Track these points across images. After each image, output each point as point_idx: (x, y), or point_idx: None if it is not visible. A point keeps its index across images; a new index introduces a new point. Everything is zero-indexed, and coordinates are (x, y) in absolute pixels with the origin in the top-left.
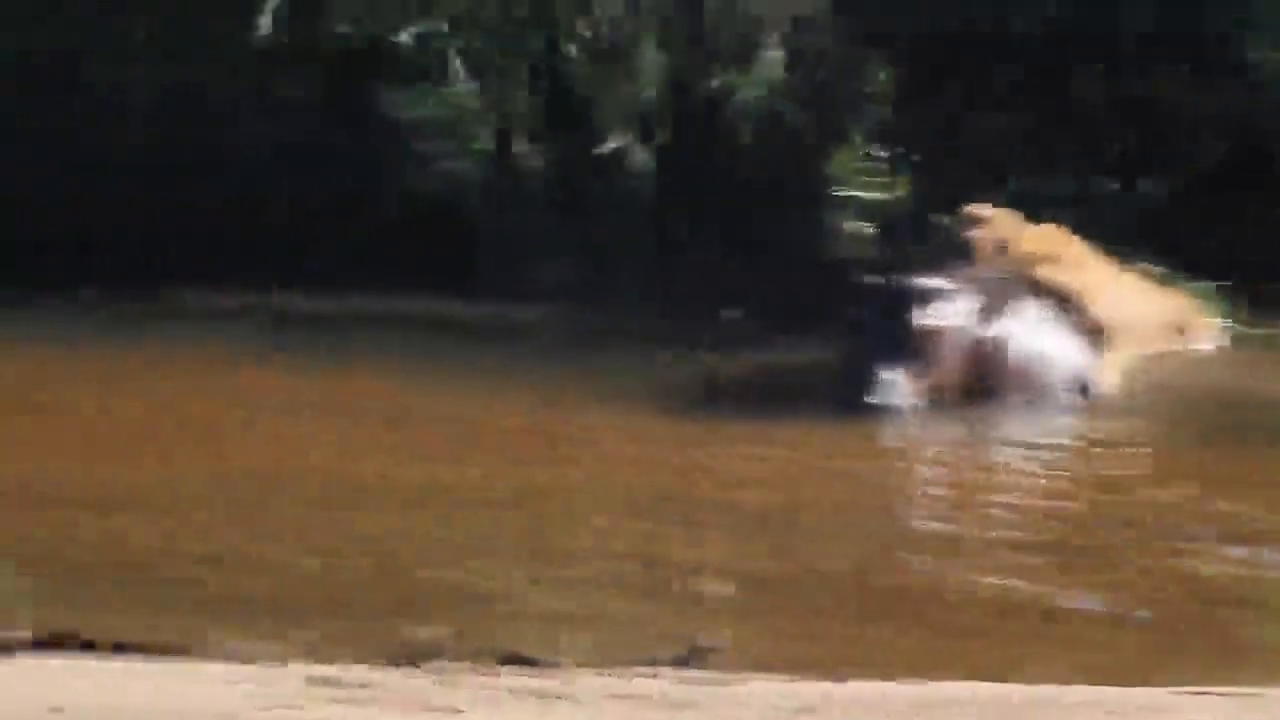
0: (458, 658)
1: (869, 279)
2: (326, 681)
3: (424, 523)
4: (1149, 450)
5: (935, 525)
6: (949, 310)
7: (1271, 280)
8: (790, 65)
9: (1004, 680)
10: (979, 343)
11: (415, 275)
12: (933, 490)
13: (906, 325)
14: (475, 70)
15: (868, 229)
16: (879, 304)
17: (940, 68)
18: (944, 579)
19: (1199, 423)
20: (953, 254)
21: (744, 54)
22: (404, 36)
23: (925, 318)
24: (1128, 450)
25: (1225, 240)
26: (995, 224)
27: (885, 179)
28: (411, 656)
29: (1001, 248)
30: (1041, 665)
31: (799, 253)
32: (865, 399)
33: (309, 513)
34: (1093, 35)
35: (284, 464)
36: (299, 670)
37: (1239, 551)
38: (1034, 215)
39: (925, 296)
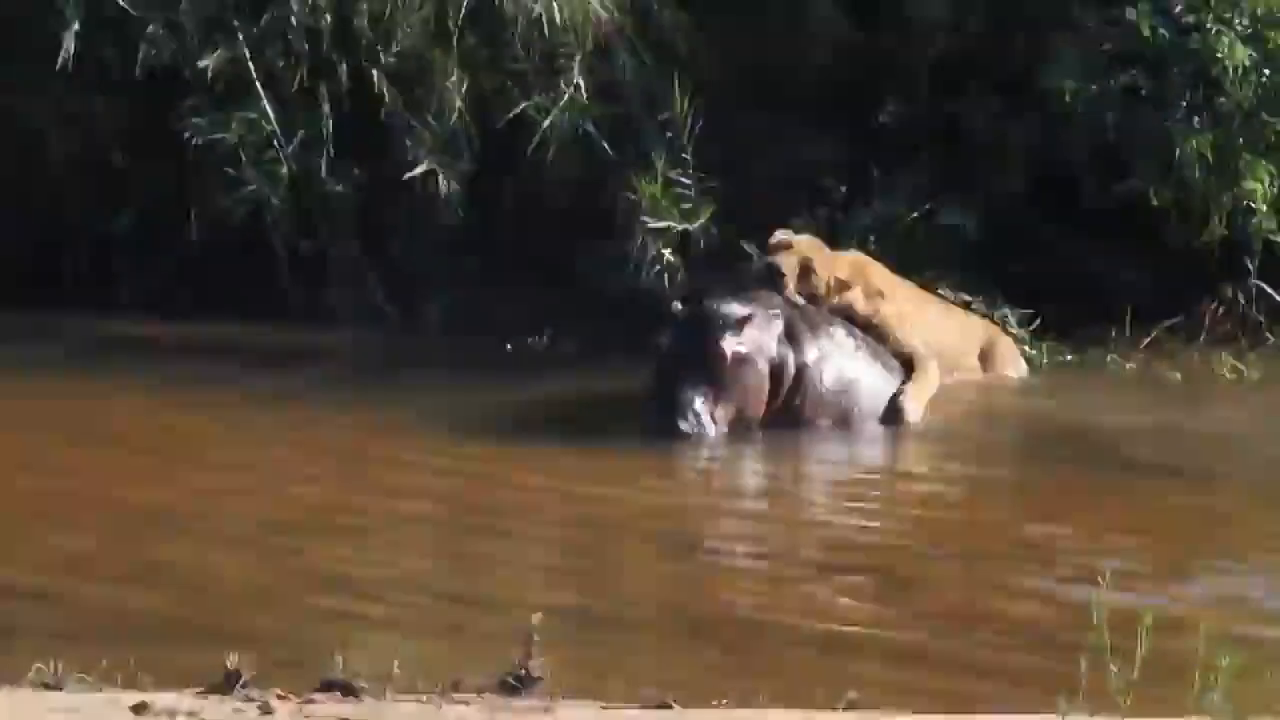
0: (273, 684)
1: (673, 306)
2: (143, 709)
3: (234, 551)
4: (960, 478)
5: (750, 555)
6: (753, 337)
7: (1075, 308)
8: (594, 91)
9: (832, 708)
10: (786, 370)
11: (220, 300)
12: (745, 519)
13: (710, 352)
14: (279, 95)
15: (674, 257)
16: (683, 332)
17: (745, 95)
18: (760, 609)
19: (1009, 451)
20: (759, 281)
21: (549, 79)
22: (208, 60)
23: (729, 345)
24: (937, 478)
25: (1030, 268)
26: (801, 251)
27: (690, 206)
28: (226, 684)
29: (808, 274)
30: (868, 693)
31: (607, 279)
32: (672, 427)
33: (118, 542)
34: (898, 63)
35: (89, 492)
36: (116, 698)
37: (1054, 581)
38: (840, 242)
39: (728, 324)
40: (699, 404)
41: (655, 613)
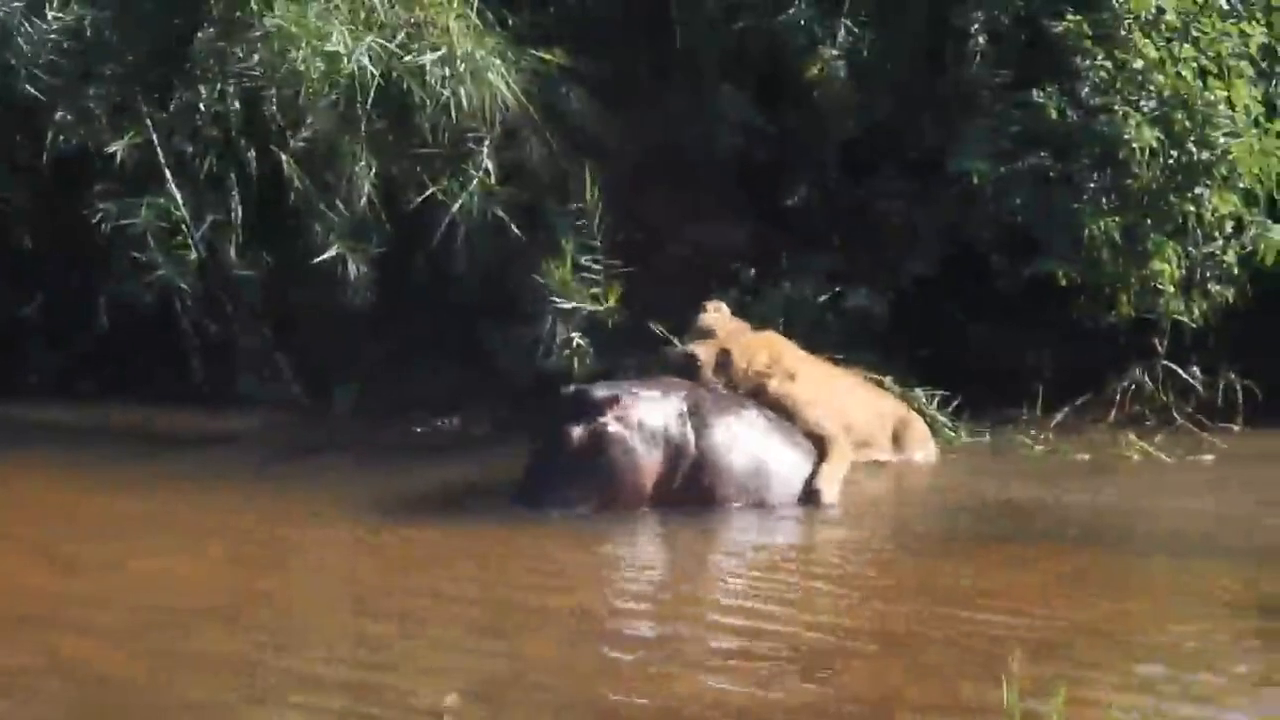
0: None
1: (561, 390)
2: None
3: (133, 641)
4: (874, 558)
5: (663, 638)
6: (628, 418)
7: (986, 389)
8: (503, 175)
9: None
10: (685, 450)
11: (129, 384)
12: (658, 601)
13: (560, 435)
14: (188, 180)
15: (583, 339)
16: (556, 415)
17: (653, 178)
18: (672, 694)
19: (922, 530)
20: (676, 369)
21: (457, 163)
22: (116, 146)
23: (579, 429)
24: (851, 559)
25: (941, 349)
26: (722, 340)
27: (599, 289)
28: None
29: (726, 364)
30: None
31: (517, 362)
32: (549, 509)
33: (13, 631)
34: (806, 146)
35: None
36: None
37: (968, 661)
38: (752, 321)
39: (589, 406)
40: (547, 489)
41: (567, 698)
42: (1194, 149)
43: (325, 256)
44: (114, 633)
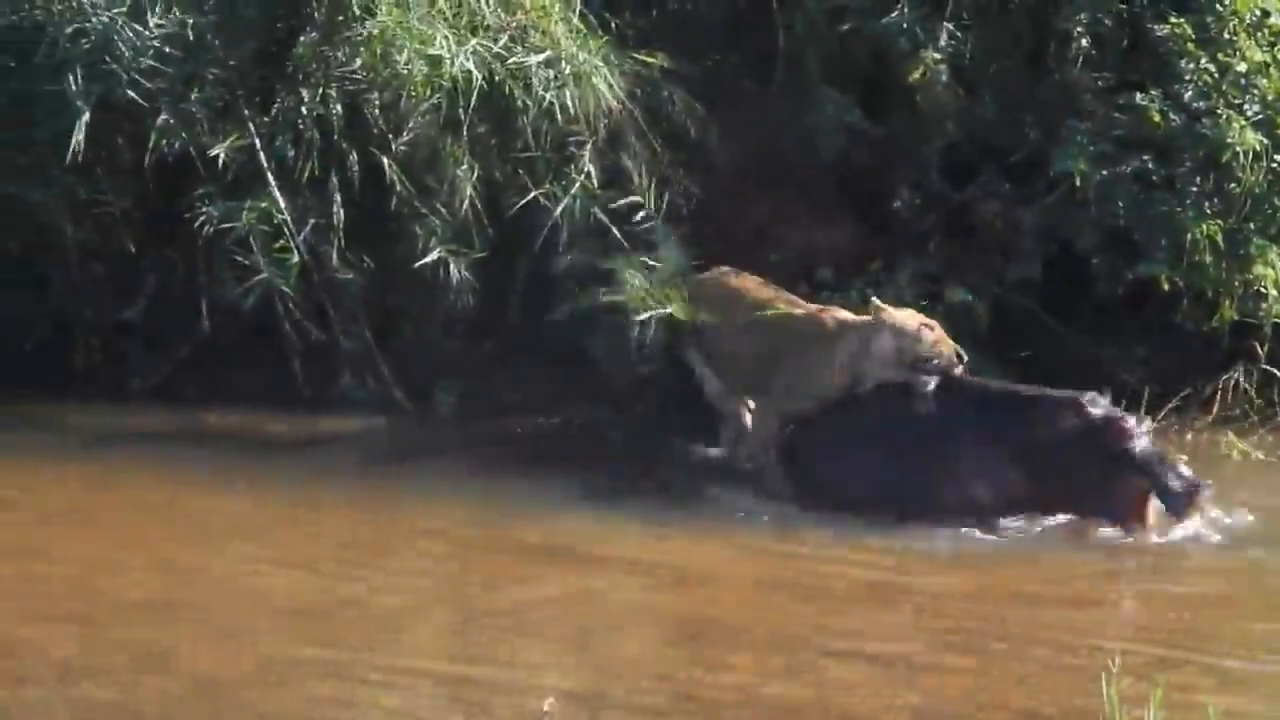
0: None
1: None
2: None
3: (242, 639)
4: (964, 564)
5: (761, 635)
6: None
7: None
8: (605, 179)
9: None
10: None
11: (231, 388)
12: (757, 597)
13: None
14: (290, 183)
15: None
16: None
17: (755, 181)
18: (776, 692)
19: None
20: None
21: (559, 167)
22: (219, 149)
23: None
24: (941, 565)
25: (1039, 351)
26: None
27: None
28: None
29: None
30: None
31: (618, 365)
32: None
33: (125, 631)
34: (908, 150)
35: (95, 581)
36: None
37: (1059, 667)
38: None
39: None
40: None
41: (668, 699)
42: None
43: (427, 260)
44: (218, 632)
